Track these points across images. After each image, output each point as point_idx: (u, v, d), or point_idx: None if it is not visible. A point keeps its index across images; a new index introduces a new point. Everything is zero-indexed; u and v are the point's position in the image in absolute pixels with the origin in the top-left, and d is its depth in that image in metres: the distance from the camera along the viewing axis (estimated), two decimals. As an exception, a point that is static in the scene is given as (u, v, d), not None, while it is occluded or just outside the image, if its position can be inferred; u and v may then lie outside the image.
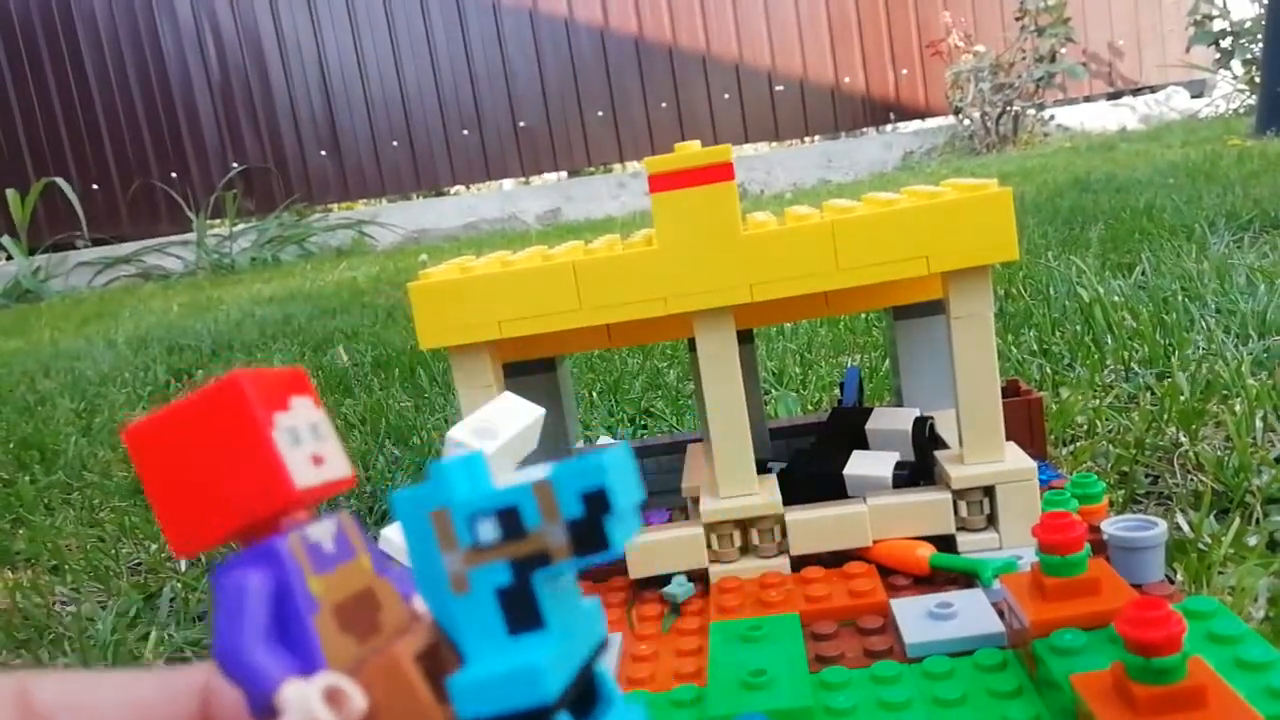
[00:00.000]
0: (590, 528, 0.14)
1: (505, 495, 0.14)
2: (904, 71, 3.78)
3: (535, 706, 0.13)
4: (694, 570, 0.32)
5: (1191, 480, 0.43)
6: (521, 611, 0.14)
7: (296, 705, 0.13)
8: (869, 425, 0.35)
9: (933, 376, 0.38)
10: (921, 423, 0.35)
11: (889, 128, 3.85)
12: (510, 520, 0.14)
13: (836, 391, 0.40)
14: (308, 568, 0.14)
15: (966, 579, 0.30)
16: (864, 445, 0.35)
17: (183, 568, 0.52)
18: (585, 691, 0.15)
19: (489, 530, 0.14)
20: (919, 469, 0.33)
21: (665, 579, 0.32)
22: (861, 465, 0.33)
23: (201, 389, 0.14)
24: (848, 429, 0.35)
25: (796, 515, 0.31)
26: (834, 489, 0.33)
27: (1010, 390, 0.39)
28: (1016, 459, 0.31)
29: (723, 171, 0.29)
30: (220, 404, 0.14)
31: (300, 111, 3.68)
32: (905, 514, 0.31)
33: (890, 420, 0.35)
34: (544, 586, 0.14)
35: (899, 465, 0.33)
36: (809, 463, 0.35)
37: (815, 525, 0.31)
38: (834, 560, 0.32)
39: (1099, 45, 3.71)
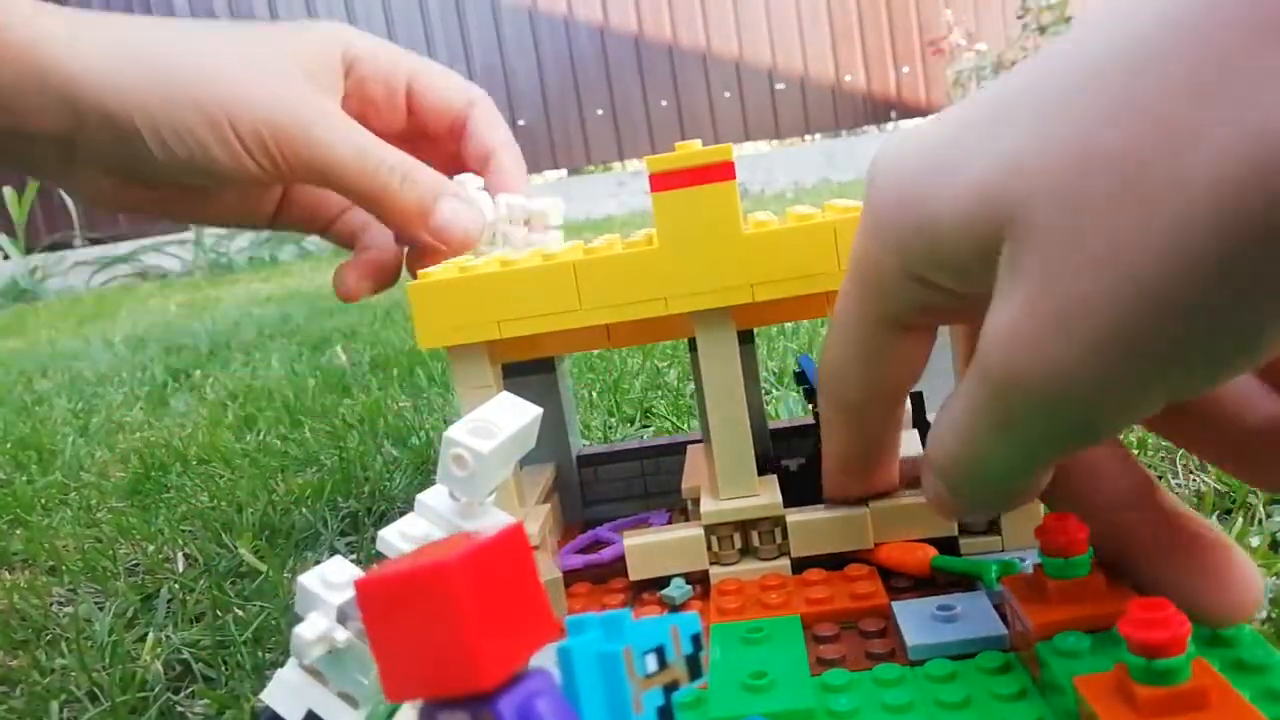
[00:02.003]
0: (695, 661, 0.19)
1: (657, 636, 0.19)
2: (905, 70, 3.78)
3: None
4: (694, 572, 0.32)
5: (1194, 480, 0.42)
6: None
7: None
8: None
9: (933, 378, 0.38)
10: (916, 398, 0.35)
11: (890, 126, 3.84)
12: (660, 655, 0.19)
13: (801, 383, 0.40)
14: None
15: (968, 581, 0.30)
16: None
17: (180, 568, 0.52)
18: None
19: (651, 663, 0.19)
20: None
21: (665, 581, 0.32)
22: None
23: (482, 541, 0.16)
24: None
25: (797, 517, 0.31)
26: None
27: (1011, 390, 0.39)
28: (1018, 460, 0.31)
29: (724, 170, 0.29)
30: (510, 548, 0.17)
31: (299, 111, 3.67)
32: (908, 516, 0.31)
33: None
34: (678, 707, 0.20)
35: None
36: None
37: (816, 527, 0.31)
38: (835, 563, 0.31)
39: (1098, 44, 3.71)
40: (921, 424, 0.34)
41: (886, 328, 0.24)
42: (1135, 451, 0.45)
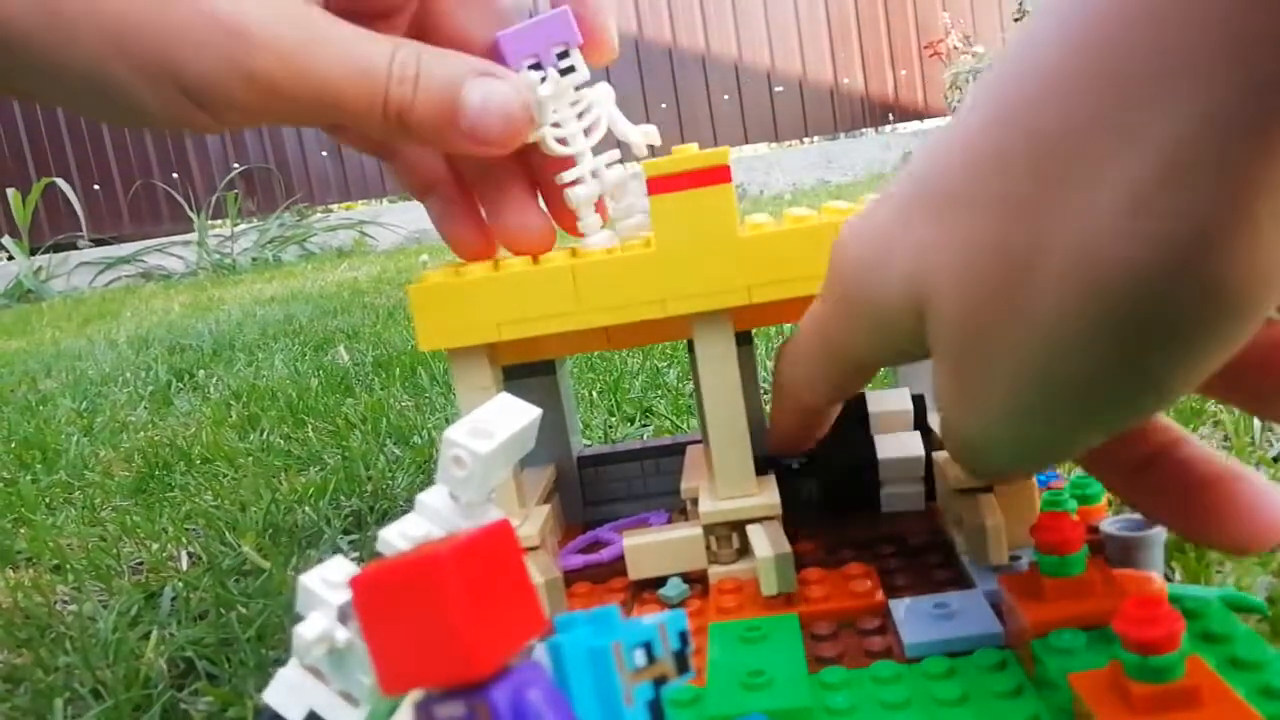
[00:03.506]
0: (682, 656, 0.20)
1: (645, 632, 0.19)
2: (903, 72, 3.78)
3: None
4: (693, 571, 0.32)
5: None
6: (661, 717, 0.20)
7: None
8: (871, 409, 0.35)
9: (932, 377, 0.38)
10: (919, 400, 0.35)
11: (888, 128, 3.84)
12: (649, 650, 0.19)
13: None
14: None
15: (968, 581, 0.30)
16: (867, 428, 0.35)
17: (184, 566, 0.52)
18: None
19: (640, 657, 0.19)
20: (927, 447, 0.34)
21: (664, 580, 0.32)
22: (891, 448, 0.33)
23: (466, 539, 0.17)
24: (852, 413, 0.35)
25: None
26: (867, 477, 0.33)
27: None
28: (1015, 459, 0.31)
29: (720, 174, 0.30)
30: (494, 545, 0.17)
31: (301, 111, 3.67)
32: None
33: (891, 402, 0.35)
34: (677, 705, 0.21)
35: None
36: (836, 454, 0.34)
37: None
38: (833, 561, 0.32)
39: (1099, 45, 3.71)
40: (923, 427, 0.35)
41: (860, 367, 0.27)
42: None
